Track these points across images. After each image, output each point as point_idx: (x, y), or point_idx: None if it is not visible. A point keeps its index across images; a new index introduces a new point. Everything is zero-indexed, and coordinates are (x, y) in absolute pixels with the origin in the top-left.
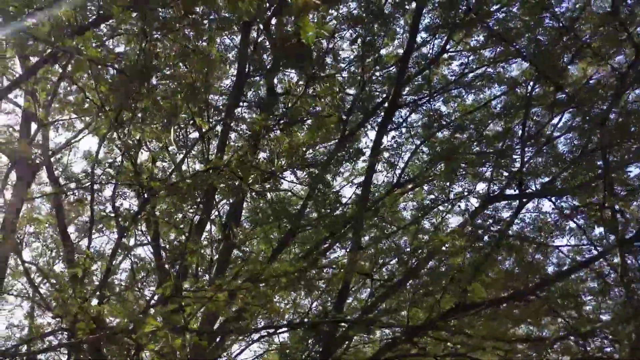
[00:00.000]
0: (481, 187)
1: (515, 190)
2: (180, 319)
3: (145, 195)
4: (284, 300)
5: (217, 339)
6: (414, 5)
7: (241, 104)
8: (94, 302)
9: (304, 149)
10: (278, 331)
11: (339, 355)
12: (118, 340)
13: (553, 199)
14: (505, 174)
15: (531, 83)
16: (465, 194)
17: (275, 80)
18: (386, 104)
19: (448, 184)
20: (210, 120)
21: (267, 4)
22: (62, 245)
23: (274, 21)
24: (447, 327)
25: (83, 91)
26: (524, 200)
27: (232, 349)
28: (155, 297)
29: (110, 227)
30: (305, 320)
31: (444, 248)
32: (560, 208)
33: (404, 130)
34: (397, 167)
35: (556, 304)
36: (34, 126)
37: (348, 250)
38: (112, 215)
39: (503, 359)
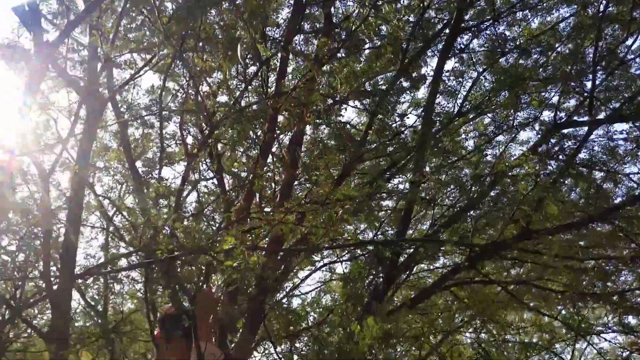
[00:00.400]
0: (547, 114)
1: (584, 117)
2: (250, 240)
3: (210, 126)
4: (345, 232)
5: (283, 266)
6: None
7: (298, 35)
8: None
9: (363, 79)
10: (345, 251)
11: (401, 283)
12: (194, 259)
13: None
14: (574, 99)
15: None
16: (531, 120)
17: (332, 10)
18: (447, 30)
19: (512, 111)
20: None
21: None
22: (131, 179)
23: None
24: (511, 253)
25: (149, 20)
26: (594, 126)
27: (295, 278)
28: (223, 224)
29: (178, 156)
30: (375, 239)
31: (508, 176)
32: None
33: (465, 57)
34: (459, 96)
35: (630, 228)
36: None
37: (411, 176)
38: (180, 143)
39: (569, 286)
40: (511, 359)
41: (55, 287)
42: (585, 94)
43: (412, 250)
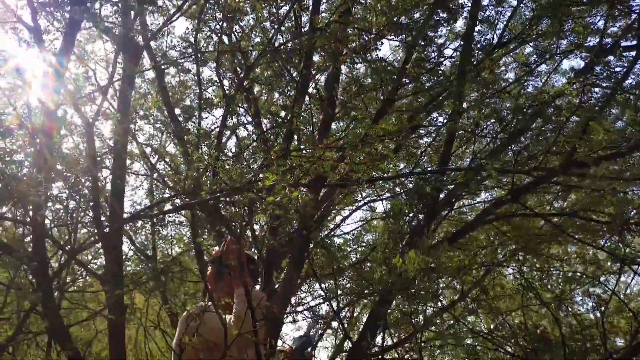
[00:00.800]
0: (591, 40)
1: (632, 40)
2: (290, 178)
3: (246, 67)
4: (387, 168)
5: (324, 206)
6: None
7: None
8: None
9: (399, 13)
10: (385, 190)
11: (442, 219)
12: (236, 199)
13: None
14: (621, 22)
15: None
16: (574, 48)
17: None
18: None
19: (555, 39)
20: None
21: None
22: (170, 126)
23: None
24: (554, 185)
25: None
26: None
27: (338, 215)
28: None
29: (217, 98)
30: (416, 171)
31: (550, 106)
32: None
33: None
34: (497, 27)
35: None
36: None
37: (450, 111)
38: (218, 86)
39: (614, 216)
40: (555, 292)
41: (106, 231)
42: (633, 16)
43: (452, 186)
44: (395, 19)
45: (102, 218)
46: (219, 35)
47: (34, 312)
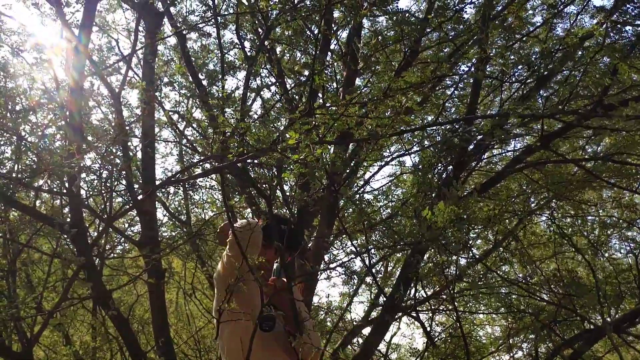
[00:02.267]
0: None
1: None
2: (315, 136)
3: (266, 27)
4: (412, 122)
5: (352, 163)
6: None
7: None
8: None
9: None
10: (413, 144)
11: (472, 170)
12: (264, 162)
13: None
14: None
15: None
16: None
17: None
18: None
19: None
20: None
21: None
22: (196, 91)
23: None
24: (585, 129)
25: None
26: None
27: (367, 172)
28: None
29: (239, 61)
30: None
31: (579, 48)
32: None
33: None
34: None
35: None
36: None
37: (475, 60)
38: (239, 48)
39: None
40: (589, 238)
41: (139, 198)
42: None
43: (480, 136)
44: None
45: (135, 186)
46: None
47: (78, 279)
